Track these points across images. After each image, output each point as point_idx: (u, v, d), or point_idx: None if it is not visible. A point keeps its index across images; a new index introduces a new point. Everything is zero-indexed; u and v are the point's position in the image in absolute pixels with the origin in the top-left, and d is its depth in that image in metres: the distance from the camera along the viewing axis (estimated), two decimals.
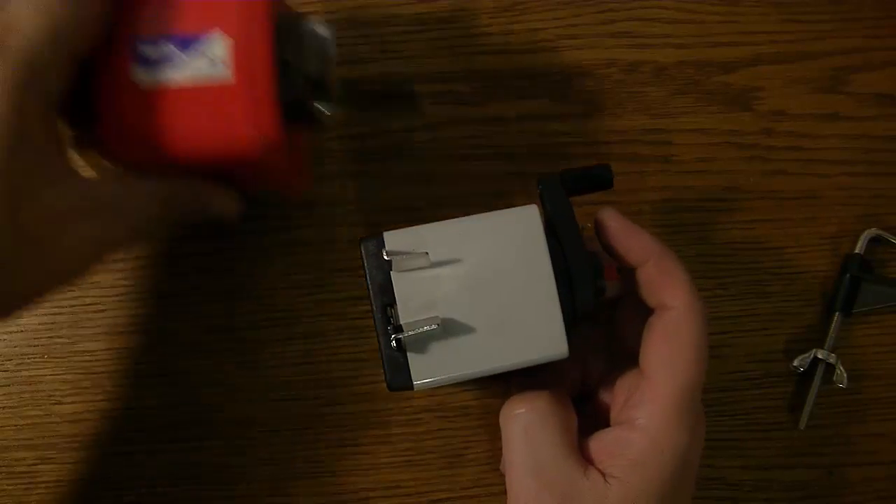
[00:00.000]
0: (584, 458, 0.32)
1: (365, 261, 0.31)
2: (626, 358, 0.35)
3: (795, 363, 0.41)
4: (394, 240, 0.31)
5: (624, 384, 0.34)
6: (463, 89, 0.42)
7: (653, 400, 0.32)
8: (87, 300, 0.40)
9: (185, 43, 0.30)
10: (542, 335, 0.31)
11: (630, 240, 0.33)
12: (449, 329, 0.31)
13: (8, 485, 0.40)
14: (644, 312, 0.34)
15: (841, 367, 0.40)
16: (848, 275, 0.41)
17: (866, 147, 0.43)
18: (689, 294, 0.32)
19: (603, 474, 0.31)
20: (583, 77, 0.42)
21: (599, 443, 0.32)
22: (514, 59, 0.42)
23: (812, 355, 0.40)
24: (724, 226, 0.42)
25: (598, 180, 0.34)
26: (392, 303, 0.31)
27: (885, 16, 0.43)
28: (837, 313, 0.41)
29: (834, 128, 0.43)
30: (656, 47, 0.43)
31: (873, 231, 0.42)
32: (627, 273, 0.34)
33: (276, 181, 0.37)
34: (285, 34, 0.32)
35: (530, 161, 0.41)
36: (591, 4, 0.43)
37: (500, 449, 0.40)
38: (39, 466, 0.40)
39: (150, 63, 0.30)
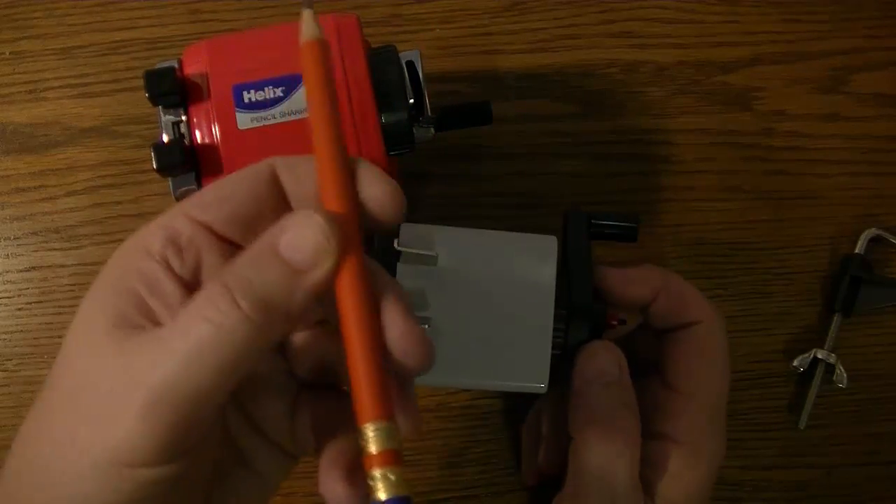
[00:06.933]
0: None
1: (375, 244, 0.31)
2: (642, 370, 0.34)
3: (795, 363, 0.41)
4: (409, 232, 0.31)
5: (645, 397, 0.33)
6: (463, 89, 0.42)
7: (686, 413, 0.32)
8: None
9: (285, 83, 0.31)
10: (527, 365, 0.31)
11: (633, 287, 0.33)
12: (438, 334, 0.31)
13: None
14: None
15: (841, 367, 0.40)
16: (848, 275, 0.41)
17: (866, 147, 0.43)
18: (709, 307, 0.33)
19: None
20: (583, 77, 0.42)
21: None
22: (514, 59, 0.42)
23: (812, 355, 0.40)
24: (724, 226, 0.42)
25: (626, 232, 0.34)
26: None
27: (885, 16, 0.43)
28: (837, 313, 0.41)
29: (834, 128, 0.43)
30: (656, 47, 0.43)
31: (873, 231, 0.42)
32: (643, 309, 0.34)
33: None
34: (377, 63, 0.32)
35: (530, 161, 0.41)
36: (591, 4, 0.43)
37: (501, 449, 0.40)
38: None
39: (253, 107, 0.31)
